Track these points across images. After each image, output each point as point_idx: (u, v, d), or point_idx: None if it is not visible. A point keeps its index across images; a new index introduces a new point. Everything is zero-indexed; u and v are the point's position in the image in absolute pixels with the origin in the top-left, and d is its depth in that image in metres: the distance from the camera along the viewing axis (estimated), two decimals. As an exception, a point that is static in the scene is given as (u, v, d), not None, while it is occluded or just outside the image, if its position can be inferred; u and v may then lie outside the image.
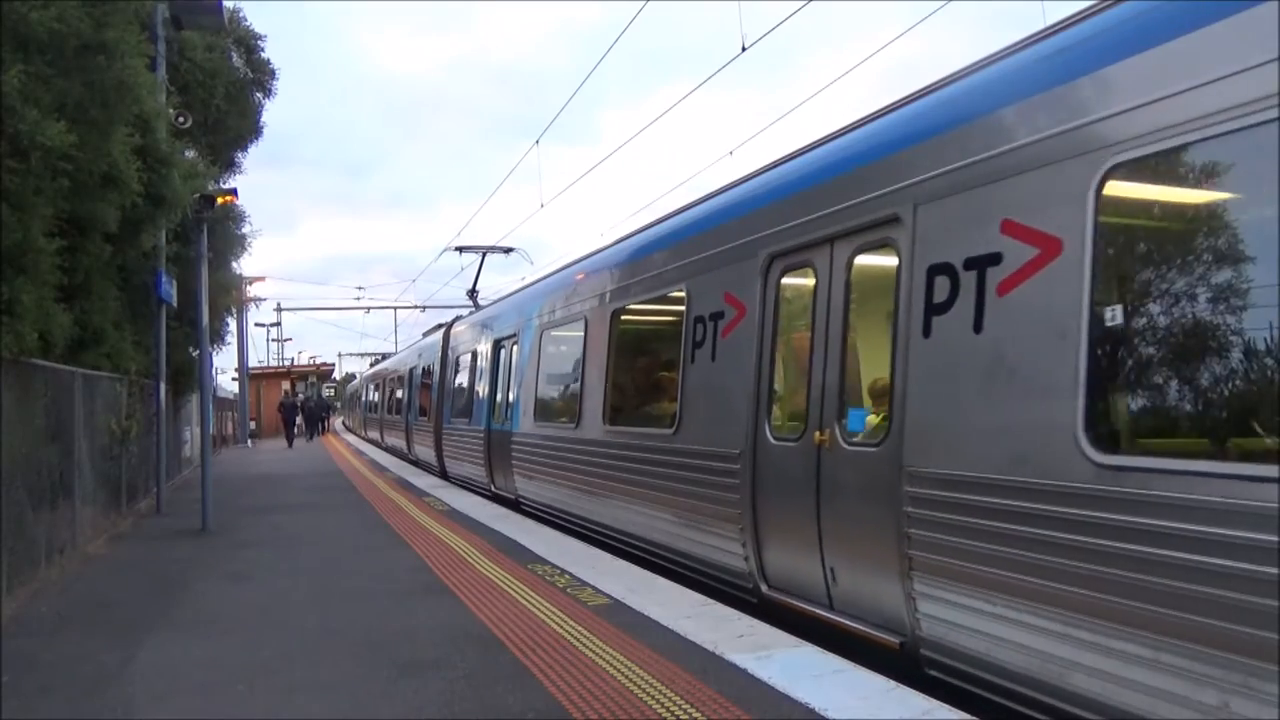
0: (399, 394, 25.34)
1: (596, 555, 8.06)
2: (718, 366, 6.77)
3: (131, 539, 10.50)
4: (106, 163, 7.49)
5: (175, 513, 12.38)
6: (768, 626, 5.42)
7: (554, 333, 11.07)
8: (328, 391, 57.46)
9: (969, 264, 4.35)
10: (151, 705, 4.52)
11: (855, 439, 5.29)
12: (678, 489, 7.19)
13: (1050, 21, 4.36)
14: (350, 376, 63.19)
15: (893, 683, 4.30)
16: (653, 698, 4.30)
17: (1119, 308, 3.72)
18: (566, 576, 7.18)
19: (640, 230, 9.21)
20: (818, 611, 5.53)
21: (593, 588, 6.71)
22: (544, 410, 11.20)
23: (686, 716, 4.04)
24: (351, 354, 77.31)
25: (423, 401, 20.79)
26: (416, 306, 47.90)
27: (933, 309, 4.57)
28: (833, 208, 5.50)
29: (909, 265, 4.76)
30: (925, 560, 4.46)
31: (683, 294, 7.40)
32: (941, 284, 4.52)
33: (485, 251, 20.40)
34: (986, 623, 4.12)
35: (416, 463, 20.76)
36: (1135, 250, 3.91)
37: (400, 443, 23.78)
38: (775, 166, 6.69)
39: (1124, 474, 3.51)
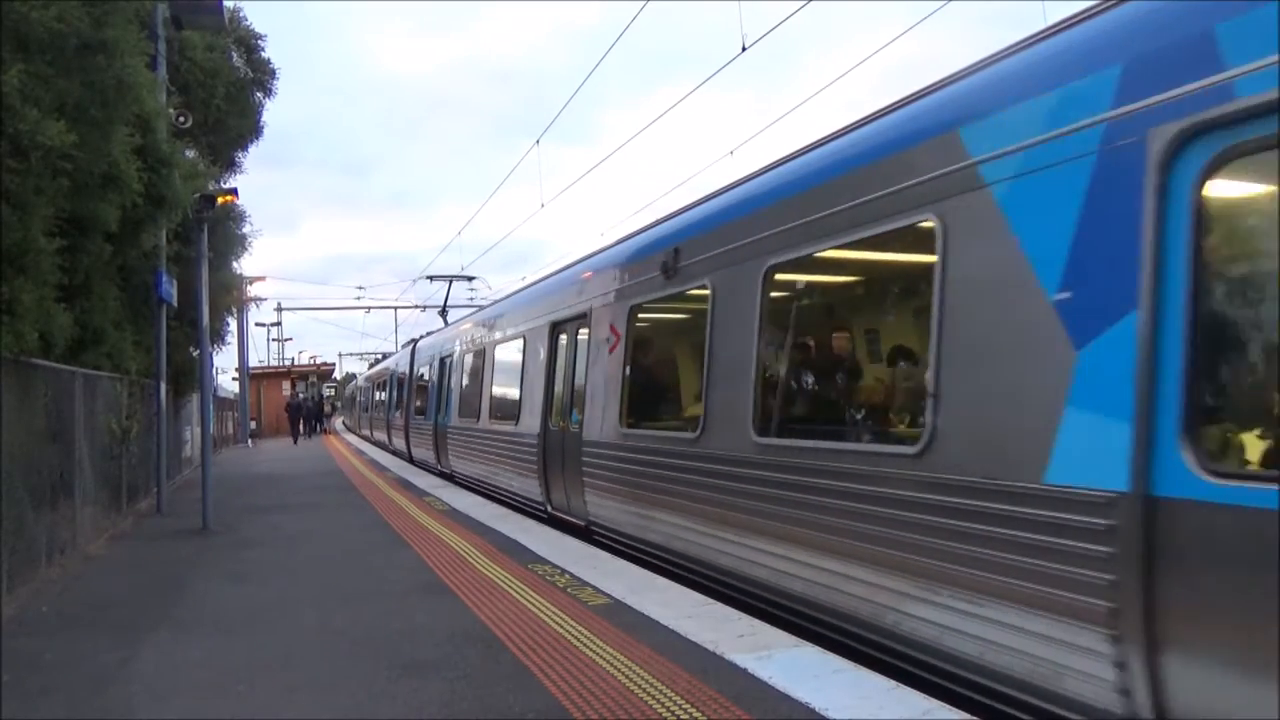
0: (382, 396, 30.75)
1: (596, 555, 8.08)
2: (534, 384, 11.43)
3: (132, 539, 10.52)
4: (106, 162, 7.49)
5: (176, 512, 12.39)
6: (768, 627, 5.43)
7: (469, 355, 16.02)
8: (328, 391, 57.50)
9: (604, 340, 8.92)
10: (152, 705, 4.53)
11: (573, 426, 9.81)
12: (517, 457, 11.97)
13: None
14: (350, 376, 63.24)
15: (893, 682, 4.31)
16: (653, 698, 4.30)
17: (630, 366, 8.39)
18: (566, 576, 7.19)
19: (513, 293, 14.56)
20: (566, 516, 9.96)
21: (593, 587, 6.72)
22: (464, 409, 15.93)
23: (687, 716, 4.04)
24: (352, 354, 77.36)
25: (398, 402, 25.46)
26: (417, 306, 47.78)
27: (594, 359, 9.17)
28: (571, 302, 10.26)
29: (590, 337, 9.39)
30: (590, 483, 9.02)
31: (521, 339, 12.25)
32: (596, 348, 9.14)
33: (451, 280, 27.69)
34: (607, 509, 8.63)
35: (396, 452, 24.94)
36: (641, 341, 8.58)
37: (384, 436, 28.34)
38: (562, 270, 11.64)
39: (630, 434, 8.17)
